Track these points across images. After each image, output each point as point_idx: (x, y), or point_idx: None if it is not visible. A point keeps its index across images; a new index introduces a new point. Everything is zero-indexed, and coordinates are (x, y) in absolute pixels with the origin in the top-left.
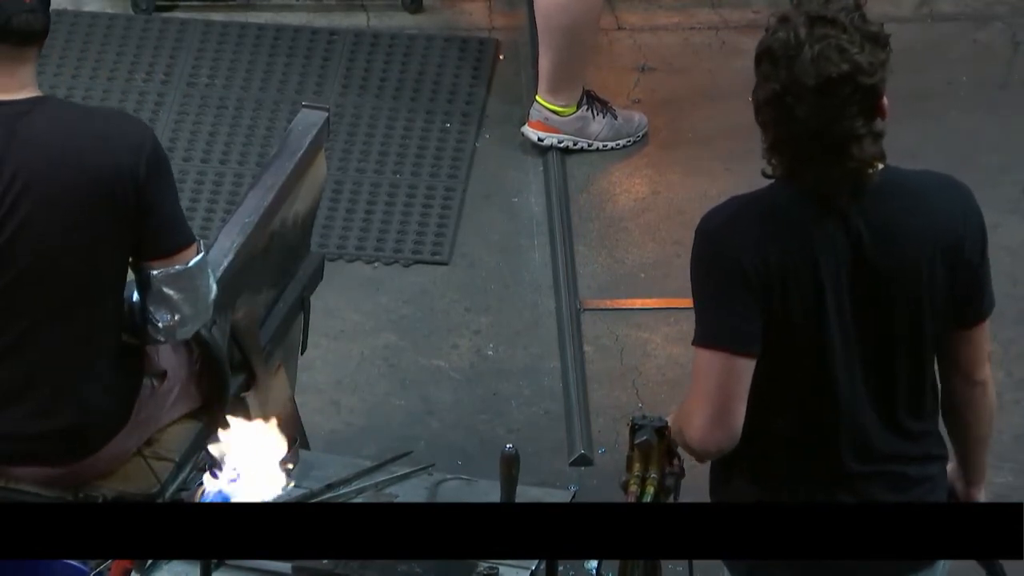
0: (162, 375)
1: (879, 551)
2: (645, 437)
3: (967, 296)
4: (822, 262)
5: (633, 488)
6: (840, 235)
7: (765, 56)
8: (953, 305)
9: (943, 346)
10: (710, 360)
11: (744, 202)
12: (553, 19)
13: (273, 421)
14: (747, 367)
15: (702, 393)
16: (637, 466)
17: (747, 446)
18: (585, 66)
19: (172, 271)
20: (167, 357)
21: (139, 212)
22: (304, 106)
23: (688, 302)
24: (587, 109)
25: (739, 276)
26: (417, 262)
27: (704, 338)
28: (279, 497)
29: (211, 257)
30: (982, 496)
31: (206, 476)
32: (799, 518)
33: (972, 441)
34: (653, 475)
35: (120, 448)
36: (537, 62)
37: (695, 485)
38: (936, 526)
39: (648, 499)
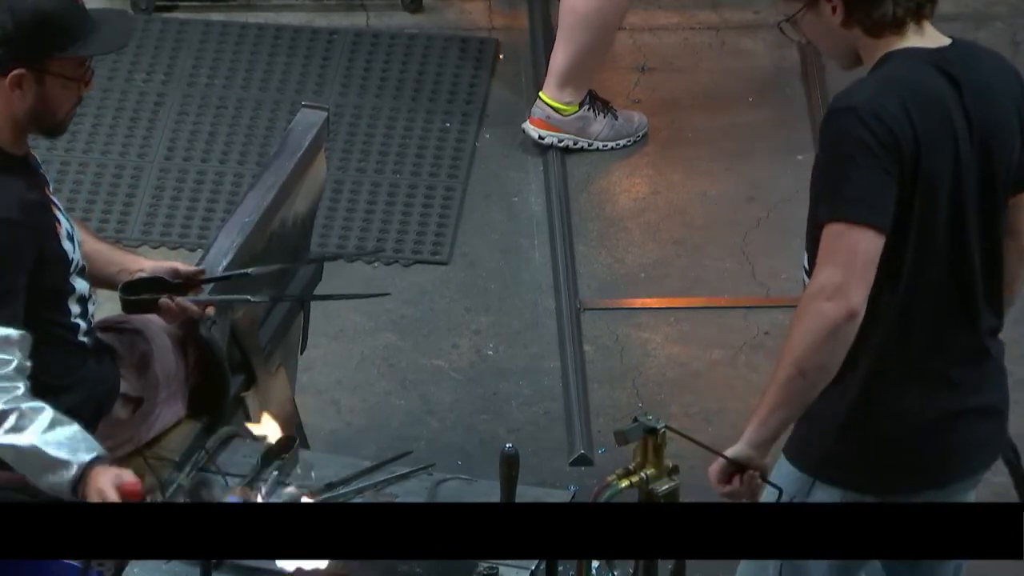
0: (136, 401)
1: (880, 551)
2: (643, 436)
3: None
4: (958, 129)
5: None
6: (957, 101)
7: None
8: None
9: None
10: (846, 233)
11: (879, 79)
12: (580, 16)
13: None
14: (879, 241)
15: (838, 264)
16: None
17: (874, 327)
18: (597, 67)
19: None
20: (163, 365)
21: None
22: (304, 106)
23: (688, 301)
24: (588, 108)
25: (892, 148)
26: (417, 262)
27: (842, 212)
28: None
29: (210, 257)
30: None
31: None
32: (799, 517)
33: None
34: (646, 472)
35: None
36: (536, 61)
37: (695, 485)
38: (936, 526)
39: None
